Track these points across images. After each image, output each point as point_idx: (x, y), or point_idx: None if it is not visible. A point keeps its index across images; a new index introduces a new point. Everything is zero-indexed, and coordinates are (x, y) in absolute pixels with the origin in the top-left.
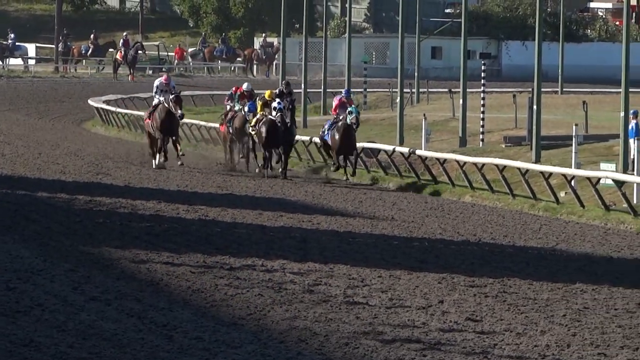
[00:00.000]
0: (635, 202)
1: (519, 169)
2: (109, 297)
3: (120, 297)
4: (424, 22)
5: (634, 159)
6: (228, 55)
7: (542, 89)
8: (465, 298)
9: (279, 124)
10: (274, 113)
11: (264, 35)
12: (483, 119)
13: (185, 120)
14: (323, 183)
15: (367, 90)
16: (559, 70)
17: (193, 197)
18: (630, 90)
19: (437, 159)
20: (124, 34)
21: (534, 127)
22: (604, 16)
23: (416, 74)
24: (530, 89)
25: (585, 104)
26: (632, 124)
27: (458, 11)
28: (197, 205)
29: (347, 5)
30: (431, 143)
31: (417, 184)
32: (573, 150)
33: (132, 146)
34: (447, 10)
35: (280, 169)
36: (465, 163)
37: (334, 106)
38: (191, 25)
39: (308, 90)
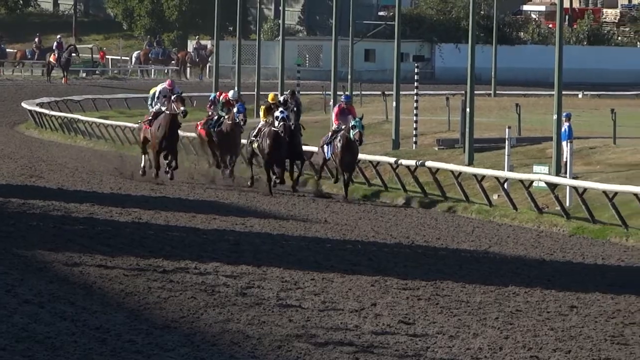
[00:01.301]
0: (567, 204)
1: (452, 171)
2: (42, 300)
3: (54, 300)
4: (357, 24)
5: (566, 161)
6: (163, 57)
7: (475, 92)
8: (398, 301)
9: (282, 135)
10: (276, 123)
11: (197, 38)
12: (416, 122)
13: (118, 122)
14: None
15: (301, 92)
16: (492, 73)
17: (126, 199)
18: (563, 92)
19: (370, 162)
20: (58, 36)
21: (467, 129)
22: (537, 19)
23: (349, 76)
24: (463, 92)
25: (518, 106)
26: (565, 126)
27: (391, 14)
28: (131, 208)
29: (280, 8)
30: (364, 146)
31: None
32: (506, 153)
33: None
34: (381, 13)
35: (292, 183)
36: (398, 166)
37: (334, 115)
38: (125, 28)
39: (242, 93)
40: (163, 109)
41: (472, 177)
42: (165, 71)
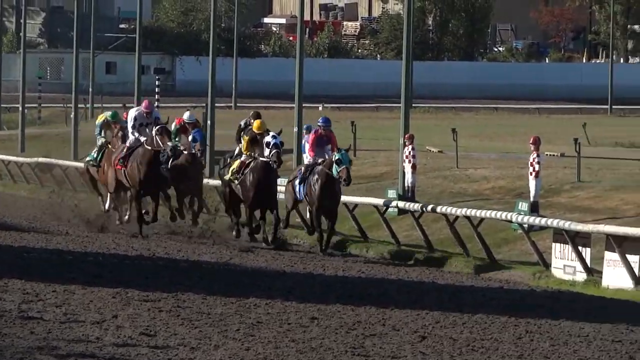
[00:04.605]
0: (307, 216)
1: None
2: None
3: None
4: (99, 37)
5: None
6: None
7: (216, 104)
8: (140, 312)
9: (274, 168)
10: (266, 152)
11: None
12: None
13: None
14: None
15: (42, 105)
16: (233, 85)
17: None
18: (303, 105)
19: None
20: None
21: (208, 142)
22: (277, 31)
23: (90, 89)
24: (204, 104)
25: None
26: (305, 138)
27: (132, 26)
28: None
29: (21, 21)
30: None
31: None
32: None
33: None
34: (122, 26)
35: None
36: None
37: (309, 145)
38: None
39: None
40: (142, 139)
41: (213, 188)
42: None
